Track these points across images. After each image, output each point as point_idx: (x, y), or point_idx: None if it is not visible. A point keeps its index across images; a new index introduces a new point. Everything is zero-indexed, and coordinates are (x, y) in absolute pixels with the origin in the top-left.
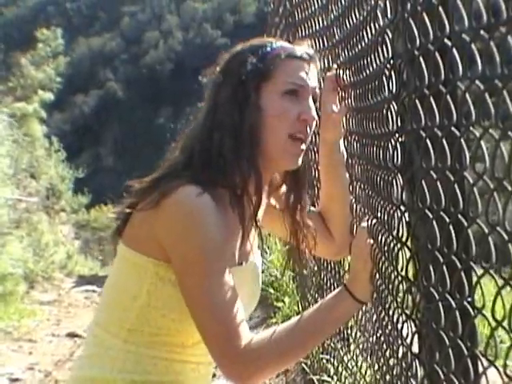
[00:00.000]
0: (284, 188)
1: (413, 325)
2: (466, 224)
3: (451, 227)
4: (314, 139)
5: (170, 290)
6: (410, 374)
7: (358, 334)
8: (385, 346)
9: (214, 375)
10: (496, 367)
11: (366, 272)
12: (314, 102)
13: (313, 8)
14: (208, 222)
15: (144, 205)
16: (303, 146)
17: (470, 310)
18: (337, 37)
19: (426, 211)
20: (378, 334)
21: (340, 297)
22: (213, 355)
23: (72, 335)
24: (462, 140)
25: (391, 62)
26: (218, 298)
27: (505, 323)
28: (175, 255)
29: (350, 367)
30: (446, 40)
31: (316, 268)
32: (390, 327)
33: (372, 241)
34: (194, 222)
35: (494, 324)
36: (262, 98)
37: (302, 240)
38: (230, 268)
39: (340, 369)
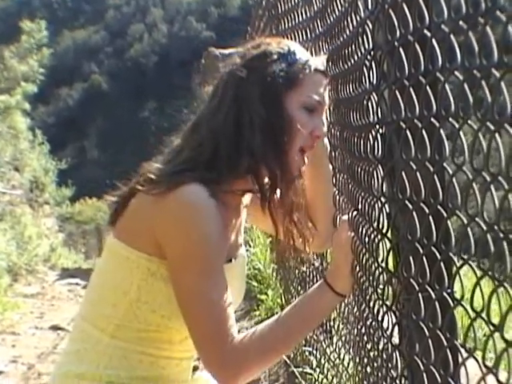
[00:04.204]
0: None
1: (393, 316)
2: (445, 215)
3: (431, 218)
4: None
5: (161, 286)
6: (390, 365)
7: (341, 326)
8: (366, 337)
9: (196, 368)
10: (475, 358)
11: (347, 265)
12: None
13: (295, 0)
14: (208, 222)
15: (148, 190)
16: (307, 159)
17: (450, 301)
18: (319, 29)
19: (406, 202)
20: (360, 326)
21: (320, 290)
22: (201, 354)
23: (55, 328)
24: (442, 131)
25: (371, 53)
26: (212, 297)
27: (483, 314)
28: (172, 251)
29: (333, 359)
30: (425, 31)
31: (299, 260)
32: (370, 319)
33: (353, 233)
34: (195, 220)
35: (473, 315)
36: (286, 105)
37: (299, 237)
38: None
39: (322, 361)
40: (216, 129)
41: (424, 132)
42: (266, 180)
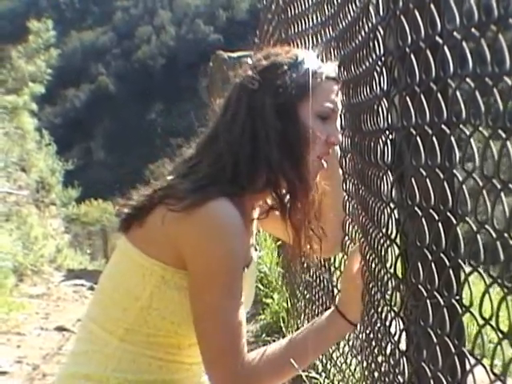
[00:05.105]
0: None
1: (401, 322)
2: (454, 222)
3: (440, 225)
4: None
5: (174, 294)
6: (397, 371)
7: None
8: (373, 343)
9: None
10: (483, 365)
11: (358, 294)
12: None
13: (305, 5)
14: (235, 238)
15: (171, 205)
16: (325, 164)
17: (458, 308)
18: (329, 34)
19: (416, 208)
20: (367, 331)
21: (332, 318)
22: (211, 370)
23: (60, 329)
24: (452, 138)
25: (382, 58)
26: (229, 314)
27: (492, 321)
28: (196, 266)
29: (339, 364)
30: (437, 37)
31: (305, 265)
32: (378, 324)
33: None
34: (222, 236)
35: (481, 322)
36: (300, 115)
37: (313, 242)
38: None
39: (328, 366)
40: (233, 143)
41: (434, 138)
42: (284, 191)
